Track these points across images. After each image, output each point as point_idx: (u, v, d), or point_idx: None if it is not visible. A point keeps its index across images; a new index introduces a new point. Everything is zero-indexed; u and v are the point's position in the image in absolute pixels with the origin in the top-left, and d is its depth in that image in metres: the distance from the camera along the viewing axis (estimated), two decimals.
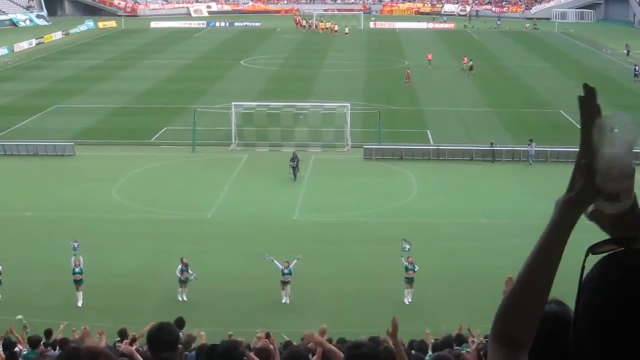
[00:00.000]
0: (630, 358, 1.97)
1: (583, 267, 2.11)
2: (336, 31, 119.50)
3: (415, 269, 31.01)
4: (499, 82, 78.44)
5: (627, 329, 1.97)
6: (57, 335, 21.60)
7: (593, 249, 2.13)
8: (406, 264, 31.04)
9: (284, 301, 30.97)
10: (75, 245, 31.47)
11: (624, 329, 1.97)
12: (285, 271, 30.99)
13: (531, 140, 50.25)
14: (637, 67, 78.86)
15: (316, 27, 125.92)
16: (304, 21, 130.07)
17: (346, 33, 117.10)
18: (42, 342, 18.84)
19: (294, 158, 46.59)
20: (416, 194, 44.68)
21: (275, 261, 31.34)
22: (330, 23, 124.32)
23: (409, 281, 31.15)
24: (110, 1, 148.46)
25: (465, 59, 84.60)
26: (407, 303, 30.92)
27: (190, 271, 31.19)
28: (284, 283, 31.17)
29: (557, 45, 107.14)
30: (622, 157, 2.19)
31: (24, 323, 21.35)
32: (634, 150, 2.32)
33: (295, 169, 46.25)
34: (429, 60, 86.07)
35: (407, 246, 31.22)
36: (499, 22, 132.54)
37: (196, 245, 35.00)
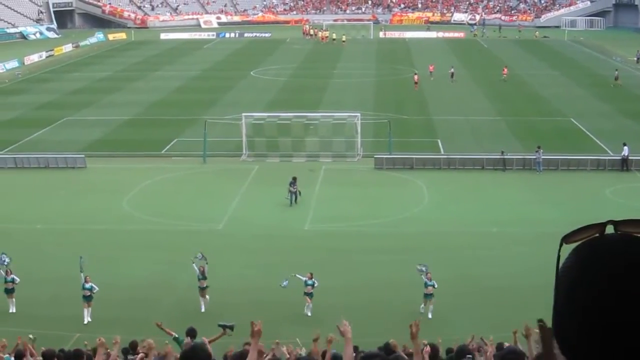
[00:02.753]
0: (610, 342, 1.99)
1: (558, 257, 2.14)
2: (334, 39, 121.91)
3: (435, 286, 30.64)
4: (508, 90, 78.32)
5: (603, 313, 2.00)
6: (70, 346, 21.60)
7: (567, 239, 2.15)
8: (425, 280, 30.68)
9: (309, 314, 30.80)
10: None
11: (599, 313, 2.00)
12: (309, 282, 30.84)
13: (539, 147, 50.16)
14: None
15: (317, 35, 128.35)
16: (312, 30, 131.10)
17: (343, 41, 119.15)
18: (55, 356, 18.82)
19: (294, 182, 44.20)
20: (427, 203, 44.62)
21: (297, 275, 31.21)
22: (327, 32, 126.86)
23: (428, 297, 30.73)
24: (120, 13, 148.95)
25: (505, 69, 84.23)
26: (428, 316, 30.49)
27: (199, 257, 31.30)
28: (307, 294, 30.97)
29: (567, 53, 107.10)
30: None
31: (30, 337, 21.39)
32: None
33: (294, 194, 43.99)
34: (431, 72, 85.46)
35: (423, 268, 30.92)
36: (474, 28, 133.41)
37: (208, 257, 34.96)
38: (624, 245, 2.07)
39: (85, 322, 30.42)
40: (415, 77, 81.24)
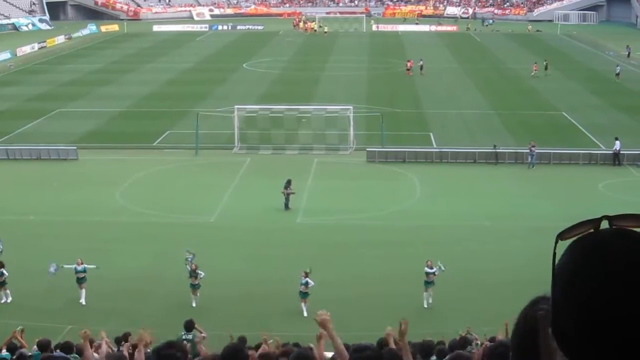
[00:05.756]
0: (606, 337, 2.01)
1: (554, 254, 2.15)
2: (315, 30, 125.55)
3: (436, 272, 30.60)
4: (501, 84, 78.44)
5: (599, 308, 2.01)
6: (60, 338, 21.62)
7: (562, 235, 2.16)
8: (426, 268, 30.70)
9: (304, 314, 30.08)
10: (52, 270, 31.39)
11: (596, 308, 2.01)
12: (302, 281, 30.35)
13: (534, 145, 49.80)
14: (618, 68, 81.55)
15: (304, 25, 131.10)
16: (301, 23, 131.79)
17: (325, 32, 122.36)
18: (52, 346, 18.85)
19: (288, 185, 42.37)
20: (419, 196, 44.66)
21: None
22: (309, 23, 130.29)
23: (428, 284, 30.74)
24: (112, 5, 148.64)
25: (536, 66, 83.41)
26: (426, 307, 30.68)
27: (199, 272, 31.00)
28: (300, 294, 30.46)
29: (559, 47, 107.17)
30: None
31: (21, 328, 21.44)
32: None
33: (287, 197, 42.24)
34: (408, 68, 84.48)
35: (443, 268, 30.83)
36: (490, 22, 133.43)
37: (199, 249, 34.97)
38: (619, 239, 2.08)
39: (83, 302, 30.64)
40: (408, 64, 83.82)
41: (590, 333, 2.03)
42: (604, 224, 2.14)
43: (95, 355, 16.95)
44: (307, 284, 30.25)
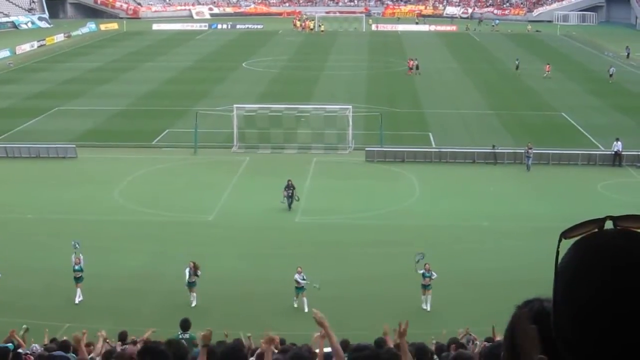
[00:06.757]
0: (608, 337, 2.00)
1: (557, 253, 2.14)
2: (312, 29, 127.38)
3: (433, 277, 30.69)
4: (500, 84, 78.40)
5: (601, 307, 2.00)
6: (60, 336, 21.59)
7: (566, 234, 2.16)
8: (423, 271, 30.71)
9: (305, 309, 30.12)
10: (75, 244, 31.47)
11: (598, 307, 2.00)
12: (299, 277, 30.54)
13: (530, 148, 49.51)
14: (612, 69, 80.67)
15: (303, 24, 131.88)
16: (299, 22, 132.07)
17: (322, 31, 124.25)
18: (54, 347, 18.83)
19: (290, 186, 42.06)
20: (418, 196, 44.65)
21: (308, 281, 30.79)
22: (307, 22, 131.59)
23: (426, 287, 30.76)
24: (112, 3, 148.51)
25: (548, 67, 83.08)
26: (426, 308, 30.60)
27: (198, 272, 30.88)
28: (298, 289, 30.75)
29: (559, 48, 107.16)
30: None
31: (24, 327, 21.40)
32: None
33: (290, 198, 42.04)
34: (410, 67, 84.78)
35: (419, 258, 30.83)
36: (496, 23, 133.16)
37: (198, 248, 34.96)
38: (622, 239, 2.07)
39: (77, 301, 30.65)
40: (410, 62, 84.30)
41: (591, 333, 2.02)
42: (608, 224, 2.13)
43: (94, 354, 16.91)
44: (303, 278, 30.39)
